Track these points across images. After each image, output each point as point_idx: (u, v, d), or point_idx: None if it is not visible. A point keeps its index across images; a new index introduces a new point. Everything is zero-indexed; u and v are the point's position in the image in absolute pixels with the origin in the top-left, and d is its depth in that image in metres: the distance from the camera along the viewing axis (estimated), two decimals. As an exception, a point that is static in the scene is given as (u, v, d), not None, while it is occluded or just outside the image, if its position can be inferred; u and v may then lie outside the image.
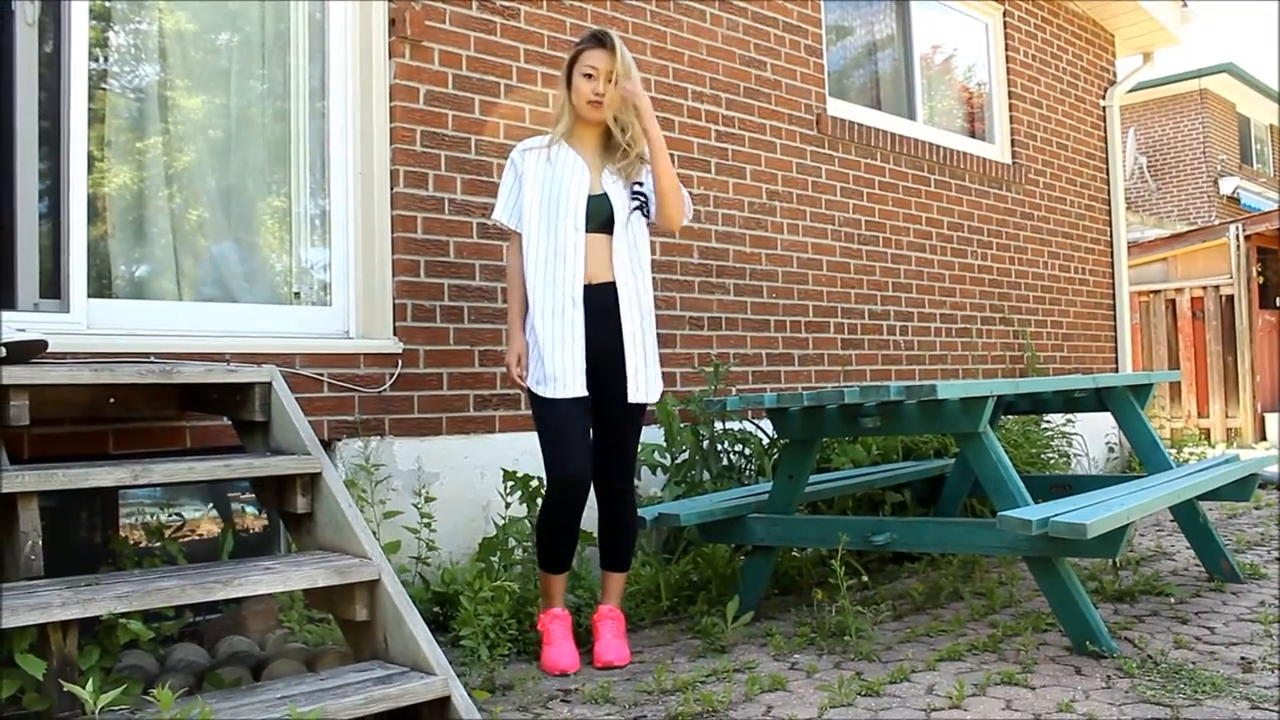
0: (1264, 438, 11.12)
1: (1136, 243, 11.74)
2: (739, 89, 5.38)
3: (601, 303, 3.32)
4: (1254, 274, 11.55)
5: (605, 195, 3.35)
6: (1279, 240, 12.07)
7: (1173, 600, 3.91)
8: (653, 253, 4.80)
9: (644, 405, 3.41)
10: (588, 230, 3.31)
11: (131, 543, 3.31)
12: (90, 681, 2.13)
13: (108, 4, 3.68)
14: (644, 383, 3.37)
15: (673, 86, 5.05)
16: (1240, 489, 4.16)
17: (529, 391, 3.36)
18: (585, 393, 3.29)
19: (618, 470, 3.40)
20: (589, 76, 3.32)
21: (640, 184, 3.43)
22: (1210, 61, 18.85)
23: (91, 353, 3.21)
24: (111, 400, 3.06)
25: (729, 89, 5.33)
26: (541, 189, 3.35)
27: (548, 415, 3.31)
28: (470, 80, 4.25)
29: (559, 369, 3.27)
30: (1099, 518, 2.94)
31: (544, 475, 3.35)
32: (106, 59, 3.71)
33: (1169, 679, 2.93)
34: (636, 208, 3.40)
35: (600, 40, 3.36)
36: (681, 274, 4.99)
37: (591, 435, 3.39)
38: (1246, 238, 11.46)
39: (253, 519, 3.93)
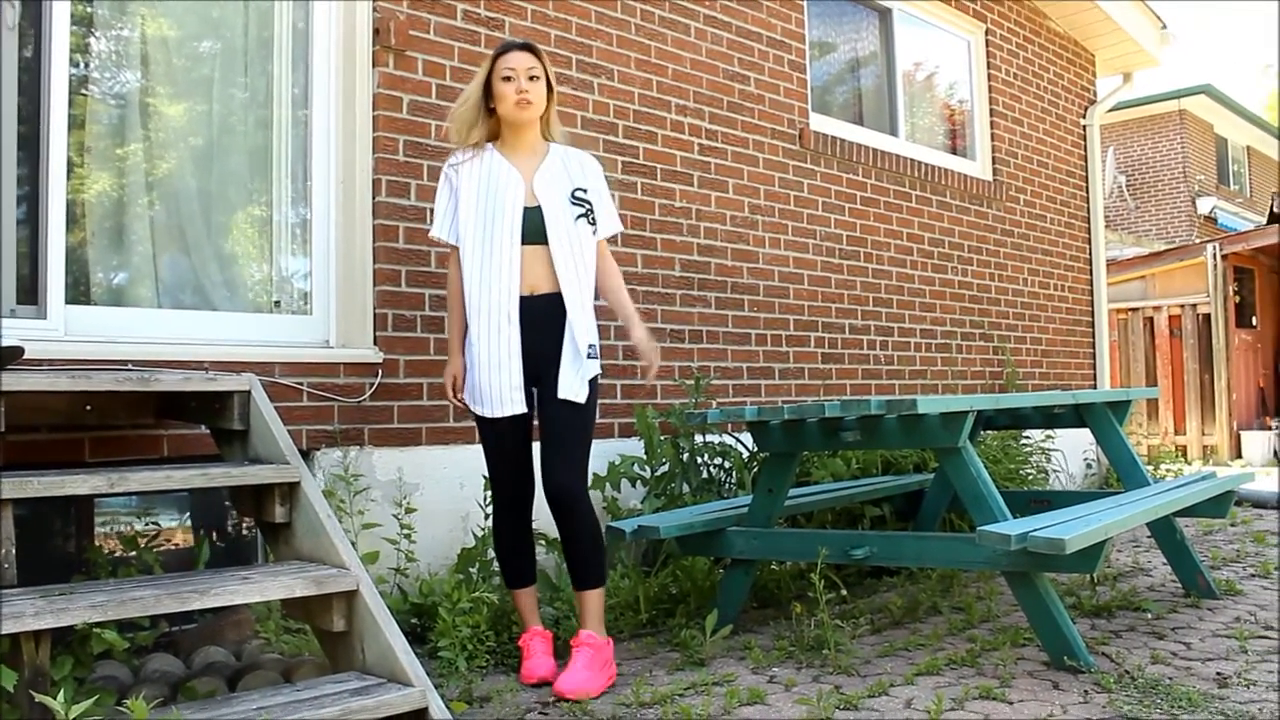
0: (1239, 455, 11.21)
1: (1115, 261, 11.81)
2: (723, 103, 5.39)
3: (540, 314, 3.26)
4: (1230, 293, 11.65)
5: (539, 208, 3.29)
6: (1255, 260, 12.19)
7: (1149, 616, 3.93)
8: (635, 265, 4.86)
9: (576, 405, 3.28)
10: (524, 243, 3.26)
11: (107, 552, 3.28)
12: (62, 692, 2.11)
13: (90, 9, 3.67)
14: (574, 383, 3.25)
15: (656, 99, 5.06)
16: (1216, 506, 4.19)
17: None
18: (524, 409, 3.27)
19: (563, 468, 3.24)
20: (509, 79, 3.29)
21: (583, 190, 3.37)
22: (1189, 83, 19.05)
23: (69, 360, 3.18)
24: (88, 408, 3.03)
25: (713, 103, 5.34)
26: (477, 201, 3.30)
27: (488, 433, 3.35)
28: (454, 90, 4.23)
29: (495, 389, 3.25)
30: (1078, 533, 2.96)
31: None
32: (87, 65, 3.69)
33: (1146, 694, 2.94)
34: (580, 215, 3.34)
35: (513, 44, 3.38)
36: (663, 286, 5.00)
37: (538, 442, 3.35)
38: (1223, 257, 11.56)
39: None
